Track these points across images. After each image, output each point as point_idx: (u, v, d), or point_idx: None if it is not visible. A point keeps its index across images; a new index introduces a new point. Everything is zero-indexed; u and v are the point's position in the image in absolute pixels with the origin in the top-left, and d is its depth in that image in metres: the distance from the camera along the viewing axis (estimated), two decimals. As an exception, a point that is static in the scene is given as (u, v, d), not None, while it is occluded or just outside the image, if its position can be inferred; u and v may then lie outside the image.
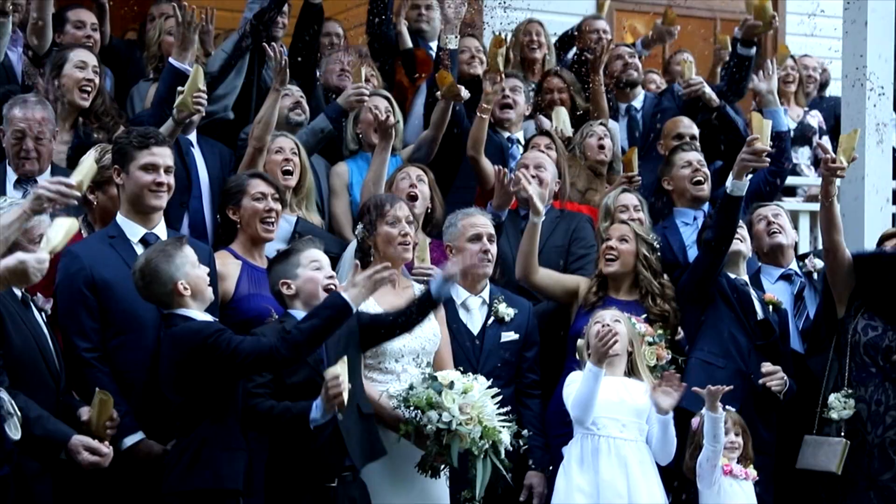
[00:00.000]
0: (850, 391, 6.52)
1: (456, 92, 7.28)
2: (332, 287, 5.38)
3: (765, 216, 7.15)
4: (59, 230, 4.78)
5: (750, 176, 6.81)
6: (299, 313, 5.36)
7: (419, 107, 8.09)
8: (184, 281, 5.12)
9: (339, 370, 5.06)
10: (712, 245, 6.55)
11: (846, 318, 6.68)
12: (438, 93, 7.34)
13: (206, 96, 6.43)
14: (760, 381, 6.47)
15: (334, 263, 6.41)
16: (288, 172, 6.72)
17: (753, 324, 6.62)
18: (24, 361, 5.00)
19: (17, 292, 5.07)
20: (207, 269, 5.31)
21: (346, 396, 5.03)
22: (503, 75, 7.31)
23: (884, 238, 7.00)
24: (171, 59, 6.57)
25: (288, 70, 6.85)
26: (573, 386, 6.00)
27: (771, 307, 6.73)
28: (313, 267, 5.42)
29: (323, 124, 7.22)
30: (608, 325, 6.00)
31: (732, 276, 6.72)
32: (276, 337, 5.01)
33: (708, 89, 8.04)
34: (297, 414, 5.12)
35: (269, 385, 5.23)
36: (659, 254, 6.73)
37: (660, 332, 6.46)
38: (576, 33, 9.40)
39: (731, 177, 6.49)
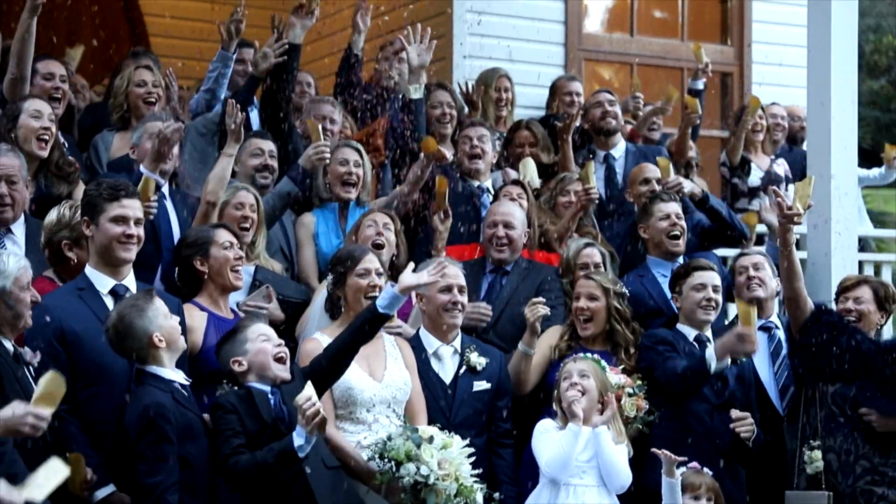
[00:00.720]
0: (815, 444, 6.54)
1: (441, 156, 7.28)
2: (283, 356, 5.44)
3: (746, 268, 7.09)
4: (49, 481, 4.31)
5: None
6: (257, 386, 5.41)
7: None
8: (158, 333, 5.19)
9: (309, 392, 5.09)
10: (676, 393, 6.48)
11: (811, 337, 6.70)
12: (422, 154, 7.30)
13: (155, 206, 6.38)
14: (731, 426, 6.45)
15: (297, 309, 6.52)
16: (245, 229, 6.66)
17: (712, 379, 6.56)
18: None
19: (10, 346, 5.08)
20: (178, 319, 5.37)
21: (323, 413, 5.05)
22: (450, 212, 7.23)
23: (843, 289, 6.98)
24: (142, 167, 6.47)
25: (242, 130, 6.83)
26: (545, 437, 6.00)
27: (728, 360, 6.64)
28: (261, 340, 5.45)
29: (288, 188, 7.17)
30: (576, 382, 6.01)
31: (693, 332, 6.72)
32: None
33: (688, 185, 7.84)
34: (282, 450, 5.11)
35: (245, 445, 5.25)
36: (627, 300, 6.72)
37: (638, 382, 6.43)
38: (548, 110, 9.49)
39: (711, 353, 6.33)
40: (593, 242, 7.21)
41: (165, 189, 6.89)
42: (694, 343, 6.69)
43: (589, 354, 6.27)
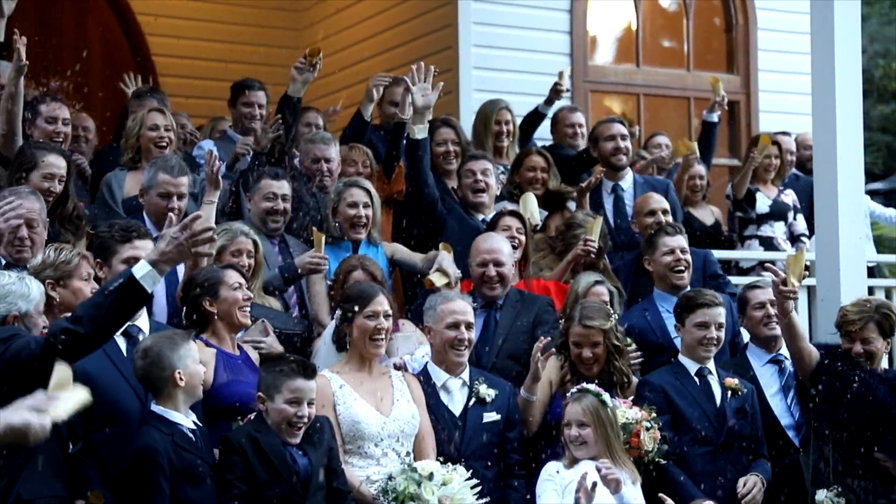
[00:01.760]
0: (839, 489, 6.51)
1: (448, 285, 7.18)
2: (300, 425, 5.50)
3: (763, 304, 7.04)
4: (69, 402, 4.48)
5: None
6: (272, 433, 5.51)
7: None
8: (182, 371, 5.32)
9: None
10: None
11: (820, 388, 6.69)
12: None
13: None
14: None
15: (292, 340, 6.60)
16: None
17: (710, 416, 6.58)
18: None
19: None
20: (205, 370, 5.49)
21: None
22: (457, 280, 7.18)
23: (848, 330, 6.85)
24: None
25: (220, 179, 6.89)
26: (547, 485, 5.97)
27: (730, 392, 6.65)
28: (290, 400, 5.49)
29: (276, 283, 7.11)
30: (575, 436, 5.98)
31: (695, 366, 6.70)
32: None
33: None
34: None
35: (244, 497, 5.34)
36: (620, 329, 6.68)
37: (654, 414, 6.39)
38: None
39: None
40: (603, 280, 7.18)
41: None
42: (695, 378, 6.67)
43: (591, 387, 6.18)
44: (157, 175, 6.92)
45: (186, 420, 5.38)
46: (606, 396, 6.13)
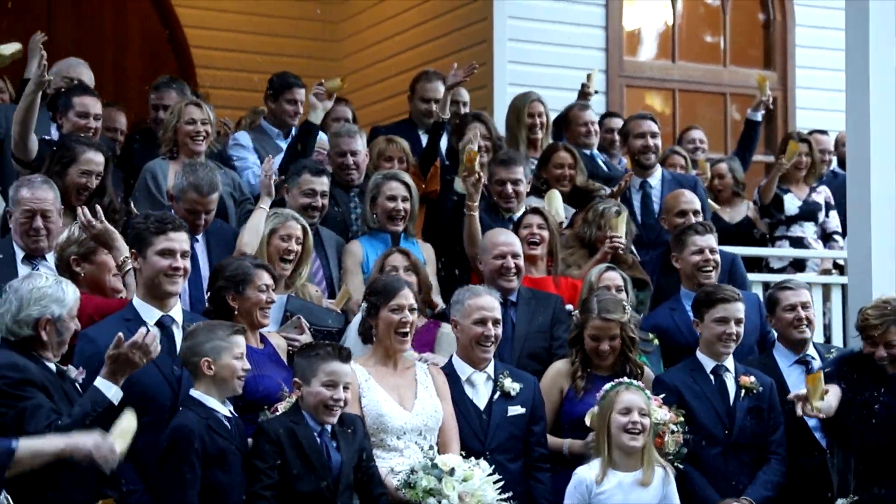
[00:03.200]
0: (855, 497, 6.47)
1: (474, 171, 7.33)
2: (336, 409, 5.55)
3: (794, 306, 6.95)
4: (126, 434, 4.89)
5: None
6: (308, 421, 5.56)
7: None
8: (211, 361, 5.37)
9: None
10: None
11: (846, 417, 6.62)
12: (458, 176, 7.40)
13: None
14: None
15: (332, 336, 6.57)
16: (287, 261, 6.75)
17: (724, 415, 6.56)
18: None
19: (52, 366, 5.22)
20: (247, 366, 5.50)
21: None
22: (481, 175, 7.31)
23: (870, 335, 6.71)
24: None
25: (273, 187, 6.98)
26: (576, 498, 6.01)
27: (743, 391, 6.62)
28: (326, 383, 5.53)
29: None
30: (637, 421, 5.97)
31: (712, 363, 6.67)
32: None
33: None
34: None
35: (274, 487, 5.40)
36: (635, 320, 6.66)
37: (681, 419, 6.37)
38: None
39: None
40: (614, 266, 7.17)
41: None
42: (710, 376, 6.65)
43: (635, 383, 6.19)
44: (188, 192, 6.86)
45: (223, 408, 5.44)
46: (648, 393, 6.16)
